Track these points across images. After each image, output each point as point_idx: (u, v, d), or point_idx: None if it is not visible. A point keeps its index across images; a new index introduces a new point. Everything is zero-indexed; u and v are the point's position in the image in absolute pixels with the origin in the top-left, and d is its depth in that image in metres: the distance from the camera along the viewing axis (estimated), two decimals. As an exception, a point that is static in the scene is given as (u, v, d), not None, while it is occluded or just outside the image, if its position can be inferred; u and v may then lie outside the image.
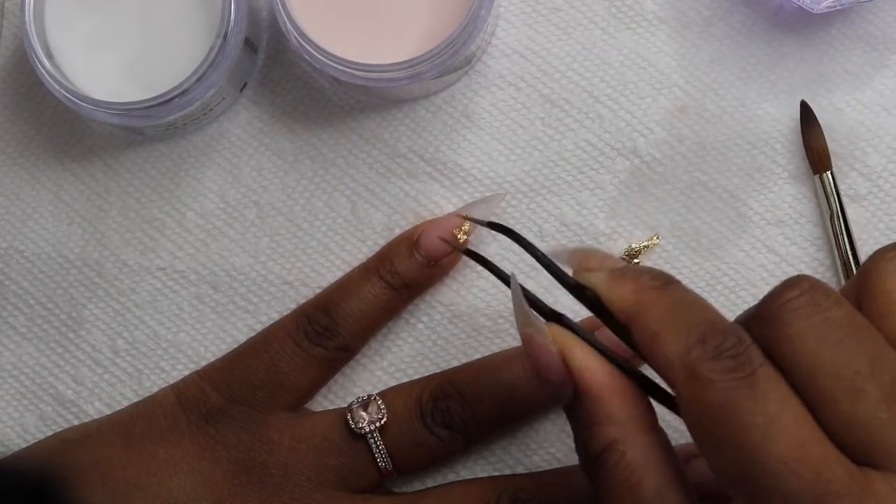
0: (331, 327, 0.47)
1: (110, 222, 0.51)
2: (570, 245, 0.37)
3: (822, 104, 0.49)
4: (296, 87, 0.51)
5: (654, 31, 0.50)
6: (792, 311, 0.32)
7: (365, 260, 0.49)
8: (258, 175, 0.51)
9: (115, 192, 0.51)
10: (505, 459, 0.49)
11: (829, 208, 0.48)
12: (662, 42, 0.50)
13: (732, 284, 0.49)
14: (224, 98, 0.49)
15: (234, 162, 0.51)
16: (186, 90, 0.46)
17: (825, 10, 0.48)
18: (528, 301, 0.37)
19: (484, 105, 0.50)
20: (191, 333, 0.50)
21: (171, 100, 0.46)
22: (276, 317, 0.50)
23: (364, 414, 0.46)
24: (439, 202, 0.50)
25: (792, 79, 0.49)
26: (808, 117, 0.48)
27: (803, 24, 0.49)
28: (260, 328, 0.49)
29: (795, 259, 0.49)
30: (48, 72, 0.47)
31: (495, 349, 0.49)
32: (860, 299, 0.34)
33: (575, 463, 0.48)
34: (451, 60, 0.46)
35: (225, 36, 0.46)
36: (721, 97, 0.49)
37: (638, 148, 0.49)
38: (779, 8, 0.49)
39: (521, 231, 0.49)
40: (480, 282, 0.49)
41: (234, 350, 0.49)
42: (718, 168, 0.49)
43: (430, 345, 0.49)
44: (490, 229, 0.39)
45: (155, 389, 0.50)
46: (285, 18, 0.46)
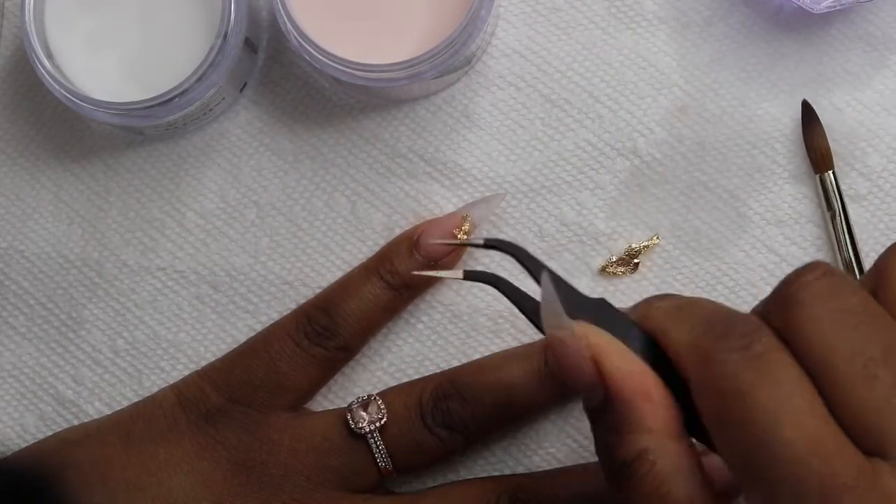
0: (331, 327, 0.47)
1: (110, 222, 0.51)
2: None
3: (823, 104, 0.49)
4: (296, 87, 0.51)
5: (654, 31, 0.50)
6: (807, 294, 0.32)
7: (365, 260, 0.49)
8: (258, 175, 0.51)
9: (115, 192, 0.51)
10: (505, 459, 0.49)
11: (831, 208, 0.48)
12: (662, 42, 0.50)
13: (732, 284, 0.49)
14: (224, 98, 0.49)
15: (234, 162, 0.51)
16: (186, 90, 0.46)
17: (825, 10, 0.48)
18: (561, 294, 0.34)
19: (484, 105, 0.50)
20: (191, 333, 0.50)
21: (171, 100, 0.46)
22: (276, 317, 0.50)
23: (364, 414, 0.46)
24: (439, 202, 0.50)
25: (792, 79, 0.49)
26: (809, 117, 0.48)
27: (803, 24, 0.49)
28: (260, 328, 0.49)
29: (796, 259, 0.49)
30: (48, 72, 0.47)
31: (495, 349, 0.49)
32: (876, 291, 0.33)
33: (575, 463, 0.48)
34: (451, 60, 0.46)
35: (225, 36, 0.46)
36: (721, 97, 0.49)
37: (638, 148, 0.49)
38: (779, 8, 0.49)
39: (521, 231, 0.49)
40: (480, 282, 0.49)
41: (234, 350, 0.49)
42: (718, 168, 0.49)
43: (430, 345, 0.49)
44: (488, 248, 0.37)
45: (155, 389, 0.50)
46: (285, 18, 0.46)
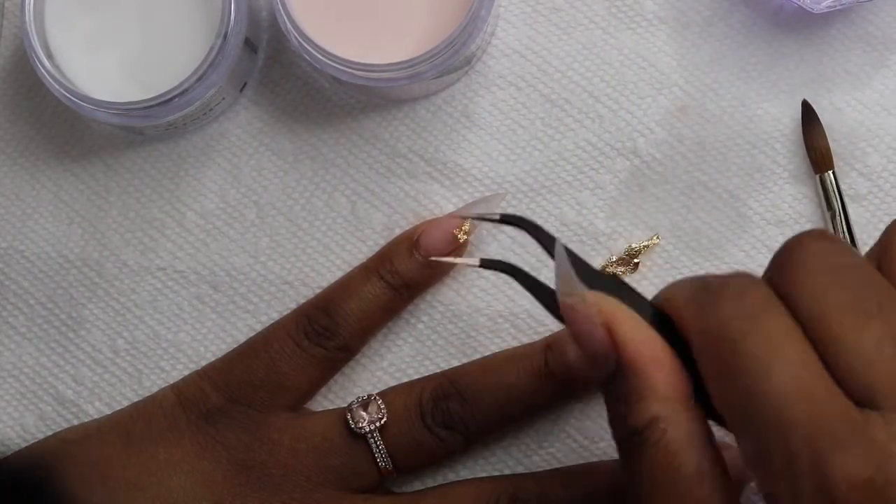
0: (331, 327, 0.47)
1: (110, 222, 0.51)
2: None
3: (823, 104, 0.49)
4: (296, 87, 0.51)
5: (654, 31, 0.50)
6: (806, 253, 0.33)
7: (365, 260, 0.49)
8: (258, 175, 0.51)
9: (115, 192, 0.51)
10: (505, 459, 0.49)
11: (831, 208, 0.48)
12: (662, 42, 0.50)
13: (732, 284, 0.49)
14: (224, 98, 0.49)
15: (234, 162, 0.51)
16: (186, 90, 0.46)
17: (825, 10, 0.48)
18: (575, 268, 0.35)
19: (484, 105, 0.50)
20: (191, 333, 0.50)
21: (171, 100, 0.46)
22: (276, 317, 0.50)
23: (364, 414, 0.46)
24: (439, 202, 0.50)
25: (792, 79, 0.49)
26: (809, 117, 0.48)
27: (803, 24, 0.49)
28: (260, 328, 0.49)
29: (795, 259, 0.49)
30: (48, 72, 0.47)
31: (495, 349, 0.49)
32: (881, 266, 0.34)
33: (575, 463, 0.48)
34: (451, 60, 0.46)
35: (225, 36, 0.46)
36: (721, 97, 0.49)
37: (638, 148, 0.49)
38: (779, 8, 0.49)
39: (521, 231, 0.49)
40: (480, 282, 0.49)
41: (234, 350, 0.49)
42: (718, 168, 0.49)
43: (430, 345, 0.49)
44: (503, 224, 0.38)
45: (155, 389, 0.50)
46: (285, 18, 0.46)
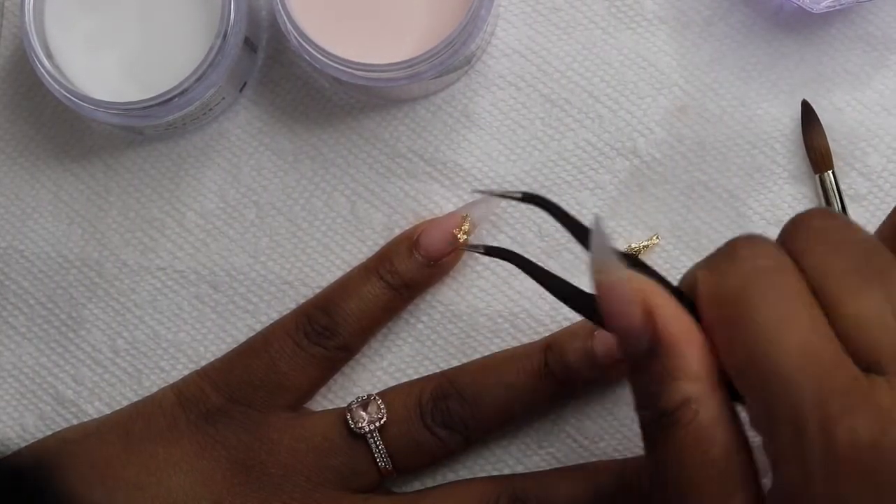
0: (331, 327, 0.47)
1: (110, 222, 0.51)
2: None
3: (823, 104, 0.49)
4: (296, 87, 0.51)
5: (654, 31, 0.50)
6: (813, 223, 0.33)
7: (365, 260, 0.49)
8: (258, 175, 0.51)
9: (115, 192, 0.51)
10: (505, 459, 0.49)
11: (831, 208, 0.48)
12: (662, 42, 0.50)
13: (732, 284, 0.49)
14: (224, 98, 0.49)
15: (234, 162, 0.51)
16: (186, 90, 0.46)
17: (825, 10, 0.48)
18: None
19: (484, 105, 0.50)
20: (191, 333, 0.50)
21: (170, 100, 0.46)
22: (276, 317, 0.50)
23: (364, 414, 0.46)
24: (439, 202, 0.50)
25: (792, 79, 0.49)
26: (809, 116, 0.48)
27: (803, 24, 0.49)
28: (260, 328, 0.49)
29: (795, 259, 0.49)
30: (48, 72, 0.47)
31: (495, 349, 0.49)
32: (887, 237, 0.34)
33: (575, 463, 0.48)
34: (450, 60, 0.46)
35: (225, 36, 0.46)
36: (721, 97, 0.49)
37: (638, 148, 0.49)
38: (779, 8, 0.49)
39: (521, 231, 0.49)
40: (480, 282, 0.49)
41: (234, 350, 0.49)
42: (718, 168, 0.49)
43: (430, 345, 0.49)
44: (525, 202, 0.37)
45: (155, 389, 0.50)
46: (285, 18, 0.46)
